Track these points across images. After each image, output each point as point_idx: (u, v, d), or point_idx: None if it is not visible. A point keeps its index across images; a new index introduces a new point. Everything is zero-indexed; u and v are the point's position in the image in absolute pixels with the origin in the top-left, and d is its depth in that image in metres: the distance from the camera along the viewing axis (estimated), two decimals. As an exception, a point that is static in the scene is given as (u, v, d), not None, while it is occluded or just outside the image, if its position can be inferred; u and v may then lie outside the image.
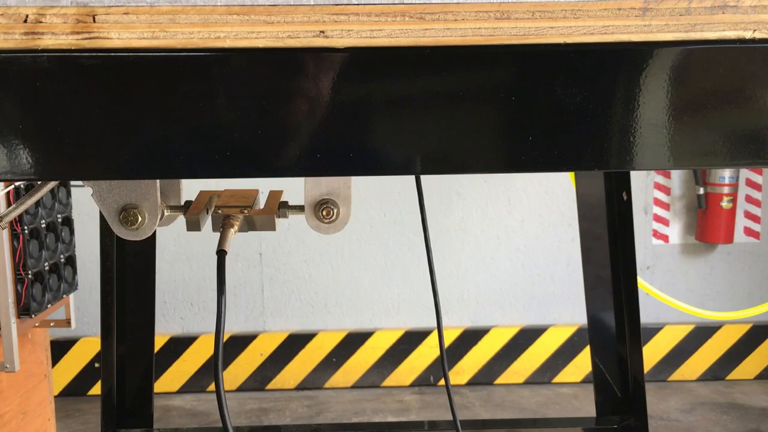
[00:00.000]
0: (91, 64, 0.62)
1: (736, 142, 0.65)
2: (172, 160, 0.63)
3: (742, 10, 0.63)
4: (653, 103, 0.64)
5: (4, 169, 0.62)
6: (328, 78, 0.63)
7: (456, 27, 0.63)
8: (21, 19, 0.61)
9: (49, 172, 0.63)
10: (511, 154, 0.65)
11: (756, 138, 0.65)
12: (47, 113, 0.62)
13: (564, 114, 0.64)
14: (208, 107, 0.63)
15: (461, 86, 0.64)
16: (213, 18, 0.62)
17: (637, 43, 0.63)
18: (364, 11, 0.63)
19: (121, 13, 0.62)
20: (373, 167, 0.64)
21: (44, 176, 0.61)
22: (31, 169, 0.62)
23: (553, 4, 0.63)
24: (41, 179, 0.77)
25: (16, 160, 0.62)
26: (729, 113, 0.64)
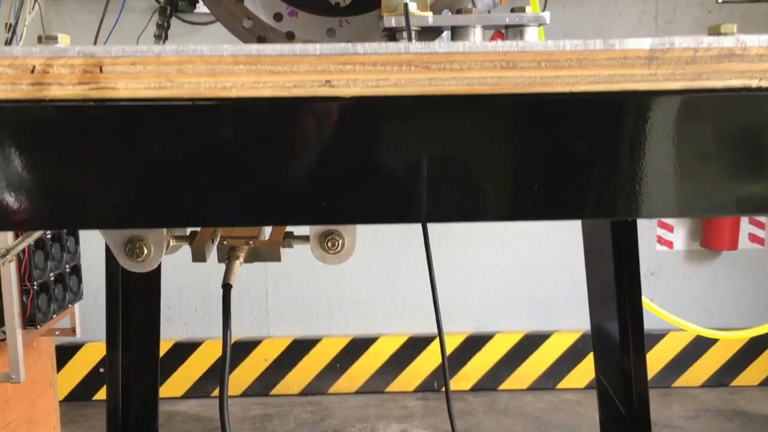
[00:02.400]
0: (98, 114, 0.62)
1: (742, 191, 0.64)
2: (179, 210, 0.63)
3: (748, 58, 0.63)
4: (659, 152, 0.64)
5: (12, 218, 0.62)
6: (334, 127, 0.63)
7: (462, 76, 0.63)
8: (28, 69, 0.61)
9: (56, 221, 0.63)
10: (516, 202, 0.65)
11: (763, 187, 0.64)
12: (55, 162, 0.63)
13: (570, 162, 0.64)
14: (214, 156, 0.63)
15: (467, 135, 0.64)
16: (220, 68, 0.62)
17: (643, 92, 0.63)
18: (370, 61, 0.63)
19: (128, 63, 0.62)
20: (378, 216, 0.64)
21: (52, 226, 0.62)
22: (40, 219, 0.62)
23: (559, 53, 0.63)
24: (49, 229, 0.77)
25: (25, 209, 0.62)
26: (735, 162, 0.64)
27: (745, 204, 0.64)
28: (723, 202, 0.64)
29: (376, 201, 0.64)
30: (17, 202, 0.63)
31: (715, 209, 0.64)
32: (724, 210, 0.64)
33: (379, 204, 0.64)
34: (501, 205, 0.65)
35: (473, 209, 0.65)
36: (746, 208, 0.64)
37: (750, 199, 0.65)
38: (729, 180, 0.65)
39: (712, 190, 0.65)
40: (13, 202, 0.63)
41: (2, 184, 0.62)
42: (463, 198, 0.64)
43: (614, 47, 0.63)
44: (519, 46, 0.63)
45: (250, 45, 0.63)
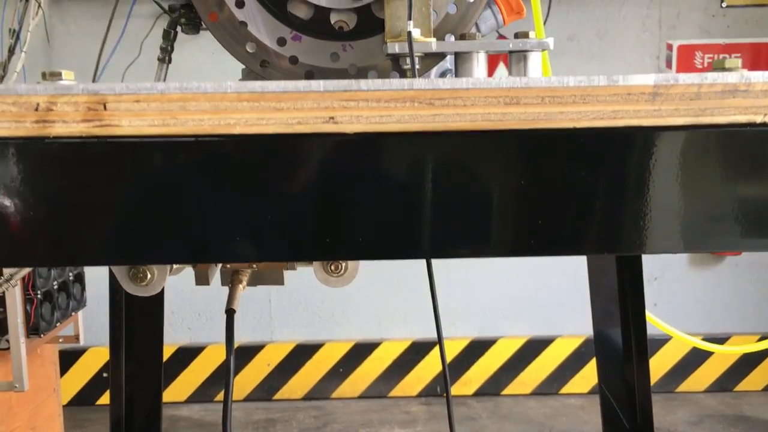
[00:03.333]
0: (102, 151, 0.62)
1: (748, 226, 0.64)
2: (182, 247, 0.63)
3: (752, 94, 0.63)
4: (664, 187, 0.64)
5: (16, 255, 0.62)
6: (337, 163, 0.63)
7: (465, 112, 0.63)
8: (32, 107, 0.61)
9: (59, 258, 0.63)
10: (520, 238, 0.65)
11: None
12: (58, 199, 0.63)
13: (574, 198, 0.64)
14: (217, 193, 0.63)
15: (470, 171, 0.64)
16: (223, 105, 0.62)
17: (648, 127, 0.63)
18: (373, 97, 0.63)
19: (132, 100, 0.62)
20: (382, 252, 0.64)
21: (54, 263, 0.62)
22: (42, 256, 0.63)
23: (563, 89, 0.63)
24: (52, 265, 0.77)
25: (28, 246, 0.63)
26: (741, 197, 0.64)
27: (751, 240, 0.64)
28: (728, 238, 0.64)
29: (380, 237, 0.64)
30: (21, 240, 0.63)
31: (720, 245, 0.64)
32: (729, 245, 0.64)
33: (382, 240, 0.64)
34: (505, 241, 0.65)
35: (477, 245, 0.65)
36: (752, 244, 0.64)
37: (756, 234, 0.64)
38: (734, 215, 0.64)
39: (718, 226, 0.64)
40: (16, 240, 0.63)
41: (5, 222, 0.62)
42: (467, 234, 0.64)
43: (618, 83, 0.63)
44: (522, 82, 0.63)
45: (253, 82, 0.63)
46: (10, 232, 0.62)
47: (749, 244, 0.64)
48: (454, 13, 0.91)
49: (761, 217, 0.65)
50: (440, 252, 0.65)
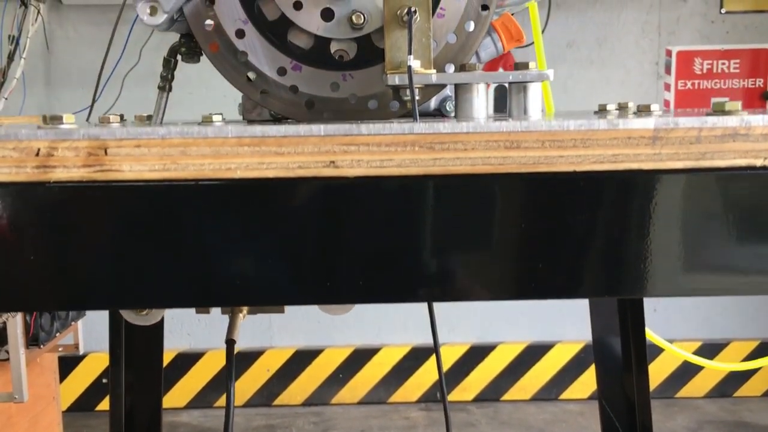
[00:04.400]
0: (102, 195, 0.62)
1: (749, 271, 0.64)
2: (182, 290, 0.63)
3: (752, 138, 0.63)
4: (664, 231, 0.64)
5: (15, 299, 0.62)
6: (338, 207, 0.64)
7: (466, 156, 0.63)
8: (33, 152, 0.61)
9: (59, 302, 0.63)
10: (520, 281, 0.65)
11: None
12: (59, 243, 0.63)
13: (574, 241, 0.64)
14: (218, 237, 0.63)
15: (471, 214, 0.64)
16: (224, 150, 0.62)
17: (648, 171, 0.63)
18: (374, 141, 0.63)
19: (132, 145, 0.62)
20: (382, 295, 0.64)
21: (55, 306, 0.62)
22: (42, 300, 0.63)
23: (563, 133, 0.63)
24: (52, 309, 0.77)
25: (28, 290, 0.63)
26: (742, 241, 0.64)
27: (752, 283, 0.64)
28: (729, 281, 0.65)
29: (381, 280, 0.64)
30: (21, 284, 0.63)
31: (721, 288, 0.65)
32: (730, 289, 0.64)
33: (383, 284, 0.64)
34: (506, 285, 0.65)
35: (478, 289, 0.65)
36: (753, 287, 0.64)
37: (756, 278, 0.65)
38: (735, 259, 0.65)
39: (719, 269, 0.65)
40: (17, 284, 0.63)
41: (4, 266, 0.62)
42: (467, 278, 0.64)
43: (618, 127, 0.63)
44: (523, 126, 0.63)
45: (254, 126, 0.63)
46: (9, 276, 0.62)
47: (750, 288, 0.64)
48: (453, 42, 0.91)
49: (761, 260, 0.65)
50: (440, 295, 0.65)
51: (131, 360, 1.66)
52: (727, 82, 3.60)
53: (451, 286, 0.65)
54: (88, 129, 0.62)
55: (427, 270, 0.64)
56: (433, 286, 0.64)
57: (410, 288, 0.65)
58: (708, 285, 0.65)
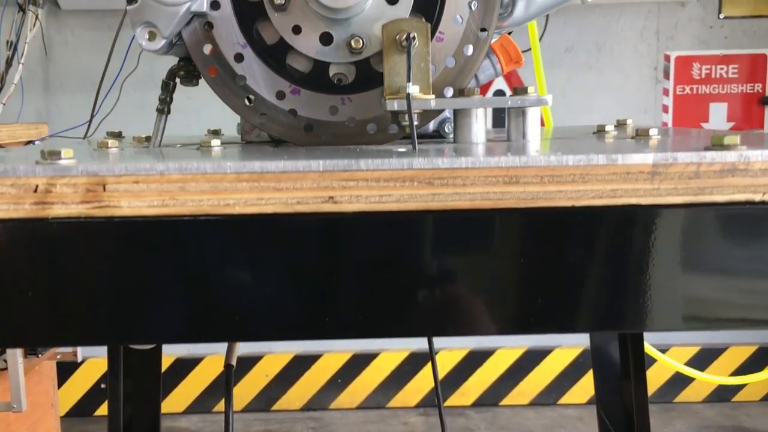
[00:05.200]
0: (101, 231, 0.62)
1: (749, 306, 0.65)
2: (180, 326, 0.63)
3: (751, 173, 0.63)
4: (664, 266, 0.64)
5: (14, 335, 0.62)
6: (337, 243, 0.64)
7: (465, 191, 0.63)
8: (31, 189, 0.61)
9: (58, 337, 0.63)
10: (520, 316, 0.65)
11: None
12: (57, 279, 0.63)
13: (573, 276, 0.64)
14: (215, 273, 0.63)
15: (470, 249, 0.64)
16: (223, 185, 0.62)
17: (647, 206, 0.63)
18: (372, 177, 0.63)
19: (131, 181, 0.62)
20: (382, 331, 0.64)
21: (55, 342, 0.62)
22: (41, 336, 0.63)
23: (562, 168, 0.63)
24: (50, 345, 0.77)
25: (26, 327, 0.63)
26: (741, 276, 0.64)
27: (752, 319, 0.64)
28: (729, 317, 0.65)
29: (379, 316, 0.64)
30: (19, 320, 0.63)
31: (722, 323, 0.65)
32: (730, 324, 0.64)
33: (382, 319, 0.64)
34: (504, 320, 0.65)
35: (476, 324, 0.65)
36: (753, 323, 0.64)
37: (756, 313, 0.65)
38: (735, 294, 0.65)
39: (719, 304, 0.65)
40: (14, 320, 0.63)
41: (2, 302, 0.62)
42: (467, 313, 0.64)
43: (617, 162, 0.63)
44: (522, 161, 0.63)
45: (252, 162, 0.63)
46: (8, 313, 0.62)
47: (749, 323, 0.64)
48: (452, 66, 0.91)
49: (761, 295, 0.65)
50: (439, 330, 0.65)
51: (130, 366, 1.66)
52: (725, 87, 3.60)
53: (451, 321, 0.65)
54: (87, 165, 0.62)
55: (426, 305, 0.64)
56: (432, 322, 0.64)
57: (409, 323, 0.65)
58: (708, 320, 0.65)
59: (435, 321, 0.64)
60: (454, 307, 0.64)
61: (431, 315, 0.64)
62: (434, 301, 0.64)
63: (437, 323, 0.64)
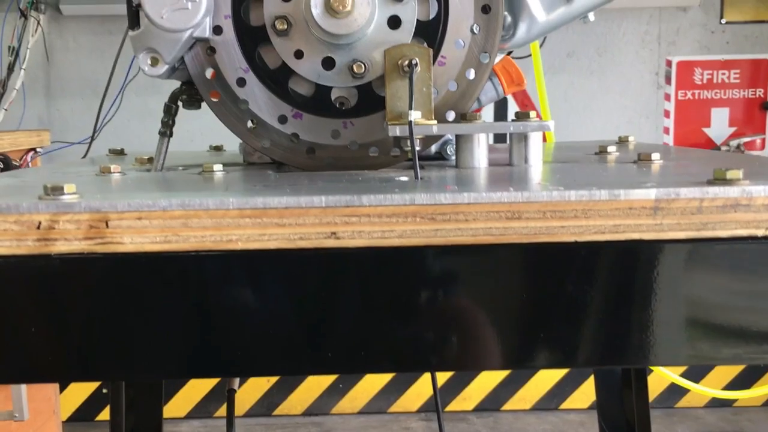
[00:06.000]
0: (103, 267, 0.62)
1: (752, 340, 0.65)
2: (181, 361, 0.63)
3: (754, 208, 0.63)
4: (667, 301, 0.64)
5: (16, 370, 0.62)
6: (339, 278, 0.64)
7: (467, 227, 0.63)
8: (34, 225, 0.61)
9: (61, 373, 0.63)
10: (522, 351, 0.65)
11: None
12: (59, 315, 0.63)
13: (575, 311, 0.64)
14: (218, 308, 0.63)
15: (472, 284, 0.64)
16: (225, 221, 0.62)
17: (649, 241, 0.63)
18: (375, 212, 0.63)
19: (134, 218, 0.62)
20: (384, 366, 0.65)
21: (56, 378, 0.62)
22: (43, 371, 0.63)
23: (564, 203, 0.63)
24: (54, 381, 0.77)
25: (29, 362, 0.63)
26: (743, 311, 0.64)
27: (754, 352, 0.64)
28: (732, 350, 0.65)
29: (382, 351, 0.64)
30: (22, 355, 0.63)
31: (724, 358, 0.65)
32: (733, 359, 0.64)
33: (385, 354, 0.64)
34: (506, 355, 0.65)
35: (478, 359, 0.65)
36: (755, 357, 0.64)
37: (758, 347, 0.65)
38: (738, 329, 0.65)
39: (722, 340, 0.65)
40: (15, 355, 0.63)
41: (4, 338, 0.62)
42: (469, 348, 0.64)
43: (619, 198, 0.63)
44: (524, 196, 0.63)
45: (255, 197, 0.63)
46: (10, 349, 0.63)
47: (752, 357, 0.64)
48: (454, 90, 0.91)
49: (763, 330, 0.65)
50: (441, 365, 0.65)
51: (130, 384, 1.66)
52: (727, 92, 3.60)
53: (453, 356, 0.65)
54: (89, 201, 0.62)
55: (428, 340, 0.64)
56: (434, 356, 0.64)
57: (412, 358, 0.65)
58: (711, 354, 0.65)
59: (437, 356, 0.64)
60: (456, 342, 0.64)
61: (434, 350, 0.64)
62: (437, 336, 0.64)
63: (440, 358, 0.64)
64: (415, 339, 0.64)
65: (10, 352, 0.63)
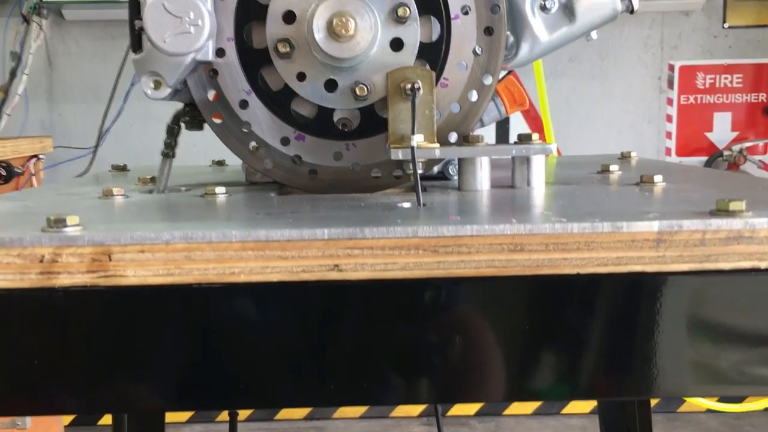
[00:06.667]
0: (106, 299, 0.62)
1: (755, 371, 0.65)
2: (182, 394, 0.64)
3: (757, 240, 0.63)
4: (670, 333, 0.64)
5: (21, 404, 0.63)
6: (341, 311, 0.64)
7: (470, 259, 0.63)
8: (37, 259, 0.61)
9: (63, 406, 0.64)
10: (524, 383, 0.65)
11: (772, 366, 0.65)
12: (62, 348, 0.63)
13: (578, 343, 0.64)
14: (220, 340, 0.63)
15: (474, 316, 0.64)
16: (228, 254, 0.62)
17: (652, 273, 0.63)
18: (378, 245, 0.63)
19: (136, 251, 0.62)
20: (386, 397, 0.65)
21: (59, 411, 0.62)
22: (46, 404, 0.63)
23: (567, 236, 0.63)
24: (56, 413, 0.77)
25: (33, 395, 0.63)
26: (746, 342, 0.64)
27: (758, 384, 0.64)
28: (735, 383, 0.65)
29: (386, 383, 0.64)
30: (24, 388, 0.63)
31: (727, 389, 0.65)
32: (737, 390, 0.64)
33: (388, 386, 0.64)
34: (509, 386, 0.65)
35: (480, 391, 0.65)
36: (758, 389, 0.64)
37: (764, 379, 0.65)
38: (741, 361, 0.65)
39: (725, 371, 0.65)
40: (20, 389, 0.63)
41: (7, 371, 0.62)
42: (471, 380, 0.65)
43: (622, 230, 0.63)
44: (527, 229, 0.63)
45: (258, 230, 0.63)
46: (13, 381, 0.63)
47: (755, 390, 0.65)
48: (457, 112, 0.91)
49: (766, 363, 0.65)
50: (445, 397, 0.65)
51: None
52: (729, 97, 3.60)
53: (456, 388, 0.65)
54: (92, 234, 0.62)
55: (432, 372, 0.64)
56: (438, 389, 0.64)
57: (415, 391, 0.65)
58: (714, 387, 0.65)
59: (440, 388, 0.64)
60: (459, 374, 0.64)
61: (437, 382, 0.64)
62: (439, 368, 0.64)
63: (442, 390, 0.64)
64: (418, 371, 0.64)
65: (13, 385, 0.63)
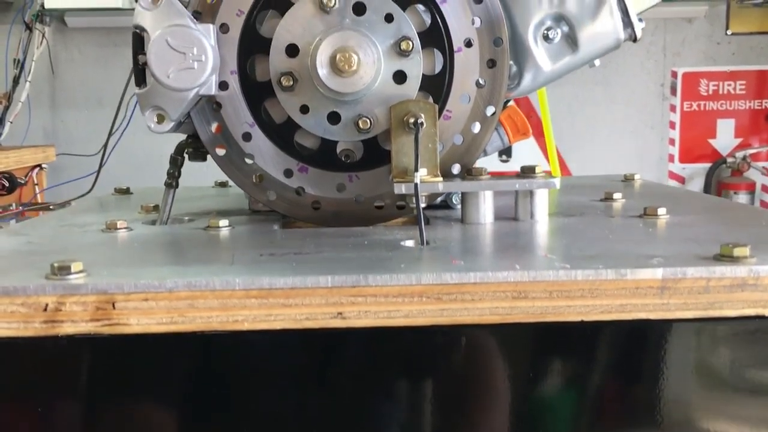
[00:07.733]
0: (109, 348, 0.62)
1: (762, 419, 0.65)
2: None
3: (761, 288, 0.63)
4: (675, 380, 0.64)
5: (25, 451, 0.63)
6: (344, 358, 0.64)
7: (473, 306, 0.63)
8: (41, 308, 0.61)
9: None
10: (528, 430, 0.65)
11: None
12: (65, 395, 0.63)
13: (582, 390, 0.64)
14: (222, 390, 0.63)
15: (477, 363, 0.64)
16: (231, 302, 0.62)
17: (656, 320, 0.63)
18: (381, 293, 0.63)
19: (140, 299, 0.62)
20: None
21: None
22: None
23: (570, 283, 0.63)
24: None
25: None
26: (752, 389, 0.64)
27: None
28: (741, 430, 0.64)
29: (389, 431, 0.64)
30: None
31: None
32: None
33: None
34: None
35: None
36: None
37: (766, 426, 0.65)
38: (745, 408, 0.64)
39: (730, 418, 0.65)
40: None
41: (10, 419, 0.63)
42: (476, 428, 0.64)
43: (626, 277, 0.63)
44: (530, 276, 0.63)
45: (261, 277, 0.63)
46: (14, 430, 0.63)
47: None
48: (460, 144, 0.91)
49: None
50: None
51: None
52: (732, 104, 3.59)
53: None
54: (96, 281, 0.62)
55: (435, 420, 0.64)
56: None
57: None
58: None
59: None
60: (463, 422, 0.64)
61: (440, 430, 0.64)
62: (443, 416, 0.64)
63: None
64: (421, 420, 0.64)
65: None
